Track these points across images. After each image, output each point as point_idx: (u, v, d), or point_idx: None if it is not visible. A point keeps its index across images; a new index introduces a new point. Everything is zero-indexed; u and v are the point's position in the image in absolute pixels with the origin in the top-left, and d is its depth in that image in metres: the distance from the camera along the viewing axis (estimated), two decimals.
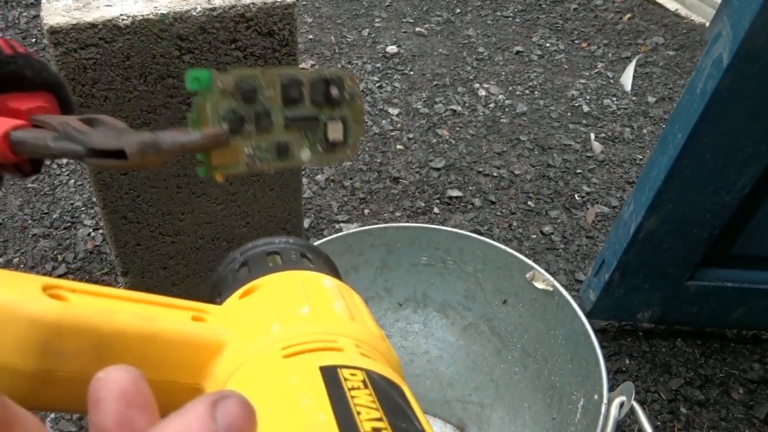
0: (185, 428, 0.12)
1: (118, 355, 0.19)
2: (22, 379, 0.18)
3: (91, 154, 0.28)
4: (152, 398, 0.16)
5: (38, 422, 0.15)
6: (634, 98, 1.85)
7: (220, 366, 0.21)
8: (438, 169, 1.56)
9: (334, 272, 0.29)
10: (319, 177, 1.54)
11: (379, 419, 0.17)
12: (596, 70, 1.97)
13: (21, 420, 0.14)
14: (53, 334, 0.18)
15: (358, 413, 0.17)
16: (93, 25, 0.74)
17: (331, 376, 0.18)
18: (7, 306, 0.18)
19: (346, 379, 0.18)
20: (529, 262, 0.73)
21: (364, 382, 0.19)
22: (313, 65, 1.96)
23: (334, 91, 0.32)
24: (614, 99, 1.84)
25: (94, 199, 1.39)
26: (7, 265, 1.29)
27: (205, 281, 1.06)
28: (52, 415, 1.05)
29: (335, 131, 0.33)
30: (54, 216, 1.40)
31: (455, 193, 1.49)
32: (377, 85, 1.87)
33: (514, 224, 1.42)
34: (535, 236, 1.39)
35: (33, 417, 0.15)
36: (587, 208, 1.47)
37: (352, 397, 0.18)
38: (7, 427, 0.14)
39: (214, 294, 0.28)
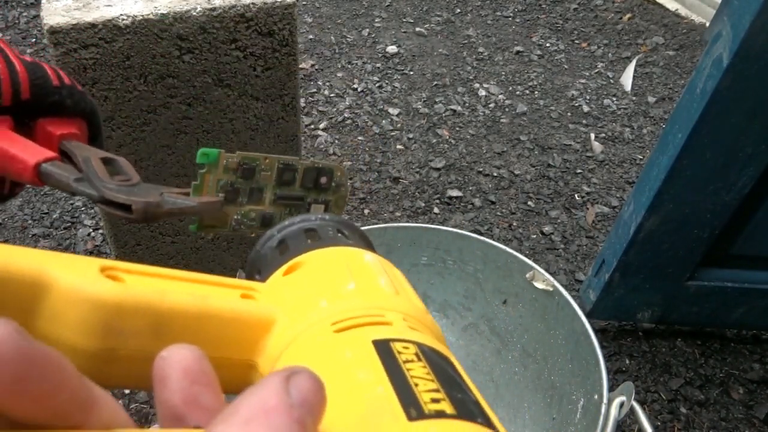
0: (262, 403, 0.13)
1: (175, 334, 0.20)
2: (85, 358, 0.19)
3: (103, 202, 0.32)
4: (214, 376, 0.17)
5: (113, 400, 0.15)
6: (634, 98, 1.85)
7: (272, 342, 0.21)
8: (438, 169, 1.56)
9: (370, 247, 0.30)
10: None
11: (436, 390, 0.17)
12: (596, 70, 1.97)
13: (100, 399, 0.15)
14: (114, 314, 0.19)
15: (416, 385, 0.17)
16: (93, 25, 0.74)
17: (384, 349, 0.19)
18: (70, 288, 0.18)
19: (399, 352, 0.19)
20: (529, 262, 0.73)
21: (416, 354, 0.19)
22: (313, 65, 1.96)
23: (324, 180, 0.38)
24: (614, 99, 1.84)
25: None
26: None
27: None
28: None
29: (317, 211, 0.38)
30: (54, 216, 1.40)
31: (455, 193, 1.49)
32: (377, 85, 1.87)
33: (514, 224, 1.42)
34: (535, 236, 1.39)
35: (109, 395, 0.15)
36: (587, 208, 1.47)
37: (408, 369, 0.18)
38: (88, 406, 0.14)
39: (253, 271, 0.29)
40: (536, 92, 1.86)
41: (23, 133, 0.36)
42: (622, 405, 0.57)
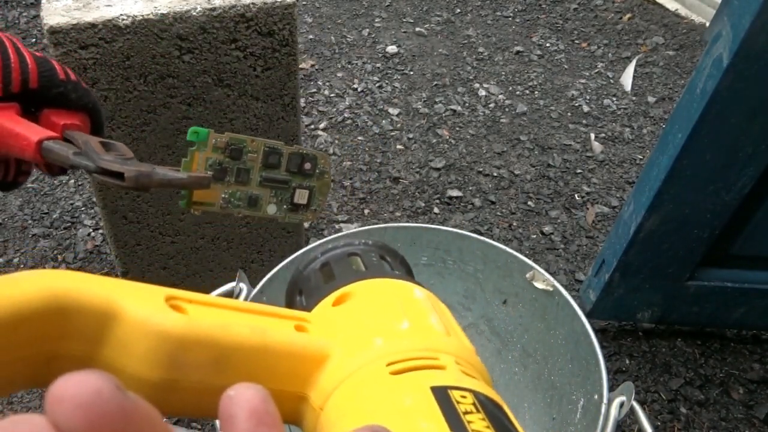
0: None
1: (234, 367, 0.21)
2: (148, 388, 0.19)
3: (98, 171, 0.34)
4: (279, 416, 0.17)
5: None
6: (634, 98, 1.85)
7: (325, 377, 0.22)
8: (438, 169, 1.56)
9: (410, 273, 0.30)
10: None
11: None
12: (596, 70, 1.97)
13: None
14: (179, 346, 0.19)
15: None
16: (93, 25, 0.74)
17: (443, 398, 0.19)
18: (138, 319, 0.19)
19: (458, 402, 0.19)
20: (529, 262, 0.73)
21: (474, 405, 0.19)
22: (313, 65, 1.96)
23: (307, 166, 0.39)
24: (614, 99, 1.84)
25: (94, 199, 1.39)
26: (7, 265, 1.29)
27: (205, 281, 1.06)
28: None
29: (301, 197, 0.40)
30: (54, 216, 1.40)
31: (455, 193, 1.49)
32: (377, 85, 1.87)
33: (514, 224, 1.42)
34: (535, 236, 1.39)
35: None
36: (587, 208, 1.47)
37: (468, 422, 0.18)
38: None
39: (294, 291, 0.30)
40: (536, 92, 1.86)
41: (29, 120, 0.38)
42: (622, 405, 0.57)
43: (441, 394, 0.19)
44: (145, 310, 0.19)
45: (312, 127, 1.70)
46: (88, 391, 0.12)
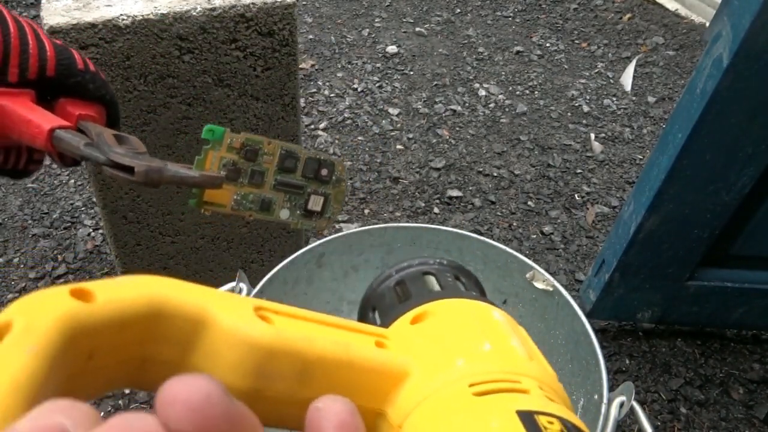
0: None
1: (317, 379, 0.21)
2: (235, 396, 0.19)
3: (108, 164, 0.33)
4: (365, 430, 0.17)
5: None
6: (634, 98, 1.85)
7: (405, 394, 0.22)
8: (438, 169, 1.56)
9: (484, 294, 0.30)
10: None
11: None
12: (596, 70, 1.97)
13: None
14: (266, 356, 0.20)
15: None
16: (93, 25, 0.74)
17: (530, 422, 0.19)
18: (229, 328, 0.19)
19: (545, 428, 0.19)
20: (529, 262, 0.73)
21: (561, 431, 0.19)
22: (313, 65, 1.96)
23: (324, 172, 0.38)
24: (614, 99, 1.84)
25: (94, 199, 1.39)
26: (8, 265, 1.29)
27: (206, 281, 1.06)
28: None
29: (315, 203, 0.39)
30: (54, 216, 1.40)
31: (455, 193, 1.49)
32: (377, 85, 1.87)
33: (514, 224, 1.42)
34: (535, 236, 1.39)
35: None
36: (587, 208, 1.47)
37: None
38: None
39: (368, 308, 0.30)
40: (536, 92, 1.86)
41: (44, 108, 0.37)
42: (622, 405, 0.57)
43: (528, 418, 0.19)
44: (235, 320, 0.19)
45: (312, 127, 1.70)
46: (198, 395, 0.13)
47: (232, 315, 0.19)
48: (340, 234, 0.78)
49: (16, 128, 0.35)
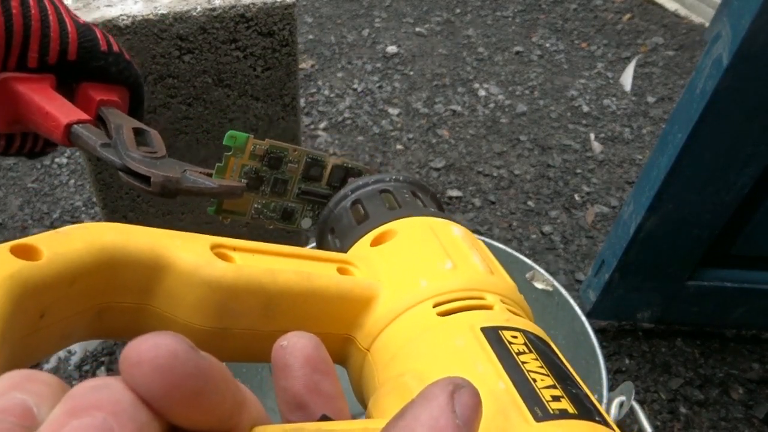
0: (433, 422, 0.13)
1: (282, 312, 0.21)
2: (199, 337, 0.19)
3: (124, 171, 0.32)
4: (332, 363, 0.17)
5: (253, 395, 0.15)
6: (633, 98, 1.85)
7: (372, 318, 0.22)
8: (438, 169, 1.56)
9: (441, 208, 0.30)
10: None
11: (554, 386, 0.17)
12: (596, 70, 1.97)
13: (248, 397, 0.15)
14: (228, 295, 0.19)
15: (534, 381, 0.17)
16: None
17: (495, 339, 0.19)
18: (187, 270, 0.19)
19: (510, 343, 0.19)
20: (529, 262, 0.73)
21: (526, 344, 0.19)
22: (313, 65, 1.96)
23: (351, 180, 0.36)
24: (614, 99, 1.84)
25: (94, 199, 1.39)
26: None
27: None
28: None
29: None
30: (54, 216, 1.40)
31: (455, 193, 1.49)
32: (377, 85, 1.87)
33: (514, 224, 1.42)
34: (535, 236, 1.39)
35: (250, 391, 0.15)
36: (587, 208, 1.47)
37: (523, 362, 0.18)
38: (242, 407, 0.15)
39: (325, 230, 0.29)
40: (536, 92, 1.86)
41: (64, 94, 0.36)
42: (621, 405, 0.57)
43: (492, 334, 0.19)
44: (193, 260, 0.19)
45: (312, 127, 1.70)
46: (164, 354, 0.12)
47: (189, 256, 0.19)
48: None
49: (34, 119, 0.34)
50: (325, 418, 0.16)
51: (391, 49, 2.05)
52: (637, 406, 0.58)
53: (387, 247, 0.24)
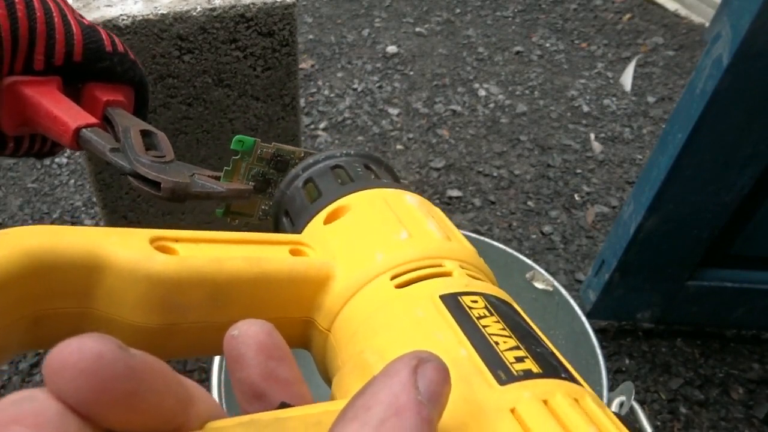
0: (393, 399, 0.12)
1: (233, 301, 0.20)
2: (145, 335, 0.18)
3: (134, 176, 0.32)
4: (287, 347, 0.17)
5: (203, 390, 0.15)
6: (633, 98, 1.85)
7: (330, 298, 0.21)
8: (438, 169, 1.56)
9: (397, 180, 0.29)
10: None
11: (517, 347, 0.17)
12: (596, 70, 1.97)
13: (196, 393, 0.14)
14: (173, 290, 0.18)
15: (496, 344, 0.17)
16: None
17: (455, 305, 0.18)
18: (125, 267, 0.18)
19: (470, 308, 0.18)
20: (529, 262, 0.73)
21: (487, 308, 0.18)
22: (313, 65, 1.96)
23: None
24: (614, 99, 1.84)
25: (94, 199, 1.39)
26: None
27: None
28: None
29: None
30: (54, 216, 1.40)
31: (455, 193, 1.49)
32: (377, 85, 1.87)
33: (514, 224, 1.42)
34: (535, 236, 1.39)
35: (199, 386, 0.15)
36: (587, 208, 1.47)
37: (484, 326, 0.17)
38: (188, 404, 0.14)
39: (280, 214, 0.29)
40: (536, 92, 1.86)
41: (71, 95, 0.36)
42: (621, 405, 0.57)
43: (452, 301, 0.18)
44: (131, 256, 0.18)
45: (312, 127, 1.70)
46: (88, 357, 0.11)
47: (127, 252, 0.18)
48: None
49: (42, 122, 0.34)
50: (284, 405, 0.16)
51: (391, 49, 2.05)
52: (637, 406, 0.58)
53: (340, 224, 0.24)
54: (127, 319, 0.18)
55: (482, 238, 0.76)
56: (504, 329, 0.17)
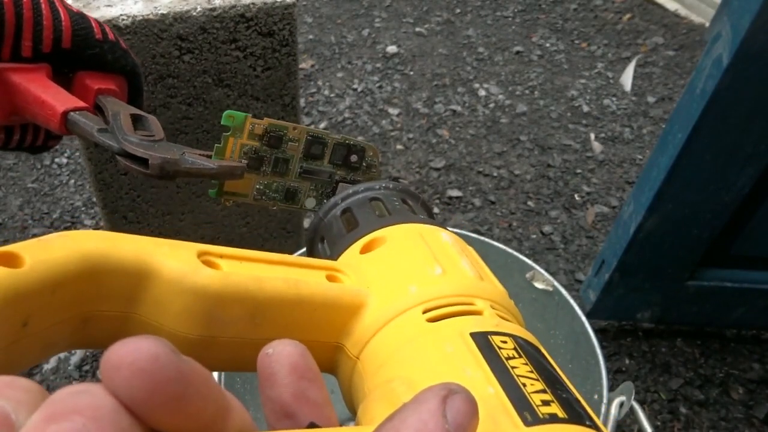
0: (421, 426, 0.13)
1: (270, 320, 0.20)
2: (186, 346, 0.19)
3: (122, 154, 0.31)
4: (318, 370, 0.17)
5: (239, 402, 0.15)
6: (634, 98, 1.85)
7: (361, 326, 0.21)
8: (438, 169, 1.56)
9: (432, 216, 0.30)
10: None
11: (543, 391, 0.17)
12: (596, 70, 1.97)
13: (233, 405, 0.15)
14: (214, 303, 0.19)
15: (524, 385, 0.17)
16: None
17: (485, 344, 0.18)
18: (173, 277, 0.18)
19: (500, 348, 0.18)
20: (529, 262, 0.73)
21: (516, 349, 0.19)
22: (313, 65, 1.96)
23: (353, 158, 0.35)
24: (614, 99, 1.84)
25: (94, 199, 1.39)
26: None
27: None
28: None
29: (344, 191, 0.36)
30: (54, 216, 1.40)
31: (455, 193, 1.49)
32: (377, 85, 1.87)
33: (514, 224, 1.42)
34: (535, 236, 1.39)
35: (236, 398, 0.15)
36: (587, 208, 1.47)
37: (512, 367, 0.18)
38: (226, 414, 0.14)
39: (316, 238, 0.29)
40: (536, 92, 1.86)
41: (61, 83, 0.35)
42: (621, 405, 0.57)
43: (482, 340, 0.19)
44: (179, 268, 0.19)
45: (312, 127, 1.70)
46: (145, 357, 0.12)
47: (175, 263, 0.18)
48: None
49: (30, 109, 0.33)
50: (312, 426, 0.16)
51: (391, 49, 2.05)
52: (637, 406, 0.58)
53: (376, 254, 0.24)
54: (169, 327, 0.19)
55: (482, 238, 0.76)
56: (532, 372, 0.18)
